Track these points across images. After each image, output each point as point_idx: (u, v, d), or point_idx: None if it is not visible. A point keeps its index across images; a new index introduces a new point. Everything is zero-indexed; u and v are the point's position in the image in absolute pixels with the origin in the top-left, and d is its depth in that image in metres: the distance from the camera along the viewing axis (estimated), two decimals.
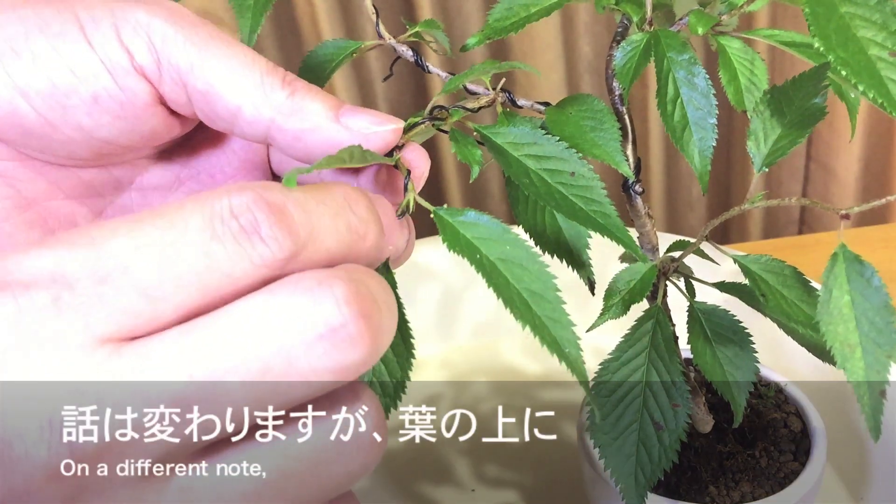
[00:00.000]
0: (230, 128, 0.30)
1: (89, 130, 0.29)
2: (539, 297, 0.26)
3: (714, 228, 0.34)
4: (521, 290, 0.27)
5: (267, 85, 0.29)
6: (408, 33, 0.36)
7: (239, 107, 0.29)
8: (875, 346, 0.26)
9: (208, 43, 0.28)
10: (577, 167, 0.30)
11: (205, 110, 0.29)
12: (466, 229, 0.28)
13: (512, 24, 0.34)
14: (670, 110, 0.31)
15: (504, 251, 0.27)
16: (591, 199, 0.30)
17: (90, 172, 0.32)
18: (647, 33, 0.32)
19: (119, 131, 0.29)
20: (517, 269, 0.27)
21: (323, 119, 0.29)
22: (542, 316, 0.26)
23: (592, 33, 0.94)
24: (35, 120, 0.28)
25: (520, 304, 0.26)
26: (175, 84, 0.29)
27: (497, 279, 0.27)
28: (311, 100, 0.29)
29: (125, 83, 0.28)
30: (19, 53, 0.27)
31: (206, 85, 0.28)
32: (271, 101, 0.29)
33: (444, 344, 0.65)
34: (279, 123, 0.29)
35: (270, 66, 0.29)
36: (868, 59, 0.23)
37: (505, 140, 0.31)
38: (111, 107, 0.29)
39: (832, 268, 0.27)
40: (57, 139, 0.29)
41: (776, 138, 0.32)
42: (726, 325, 0.37)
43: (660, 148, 0.99)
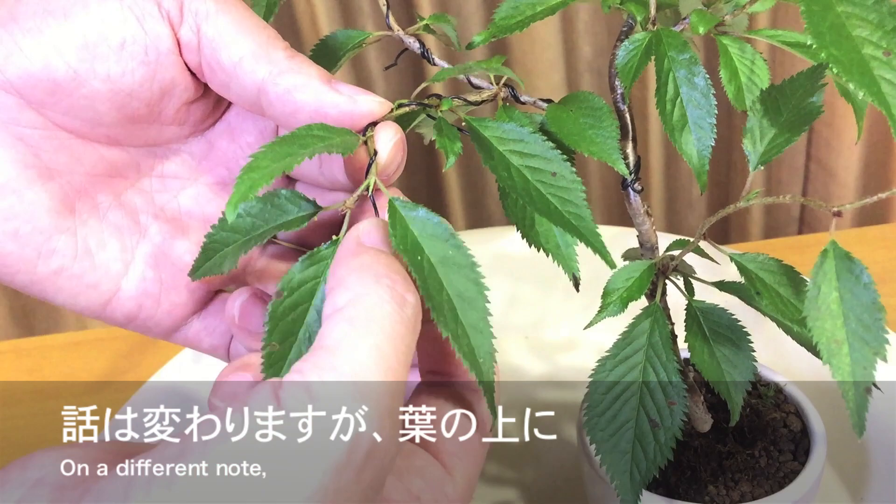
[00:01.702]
0: (227, 81, 0.31)
1: (115, 80, 0.31)
2: (468, 304, 0.27)
3: (715, 228, 0.34)
4: (452, 295, 0.27)
5: (271, 46, 0.31)
6: (417, 25, 0.37)
7: (241, 57, 0.31)
8: (862, 343, 0.26)
9: (229, 2, 0.31)
10: (560, 168, 0.30)
11: (209, 59, 0.31)
12: (416, 225, 0.29)
13: (517, 22, 0.34)
14: (669, 109, 0.31)
15: (447, 254, 0.28)
16: (567, 199, 0.30)
17: (112, 151, 0.34)
18: (650, 32, 0.32)
19: (142, 79, 0.31)
20: (454, 273, 0.28)
21: (315, 80, 0.31)
22: (466, 324, 0.27)
23: (592, 33, 0.94)
24: (65, 74, 0.30)
25: (448, 311, 0.27)
26: (190, 29, 0.31)
27: (431, 284, 0.27)
28: (308, 65, 0.31)
29: (150, 27, 0.31)
30: (51, 12, 0.30)
31: (216, 33, 0.31)
32: (271, 57, 0.31)
33: None
34: (273, 77, 0.31)
35: (278, 37, 0.32)
36: (861, 57, 0.23)
37: (492, 134, 0.32)
38: (135, 51, 0.31)
39: (822, 264, 0.27)
40: (84, 94, 0.31)
41: (772, 136, 0.32)
42: (724, 325, 0.37)
43: (660, 148, 0.99)
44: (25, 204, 0.31)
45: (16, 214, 0.31)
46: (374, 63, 0.91)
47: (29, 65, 0.30)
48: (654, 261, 0.37)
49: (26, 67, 0.30)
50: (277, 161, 0.27)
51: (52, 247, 0.32)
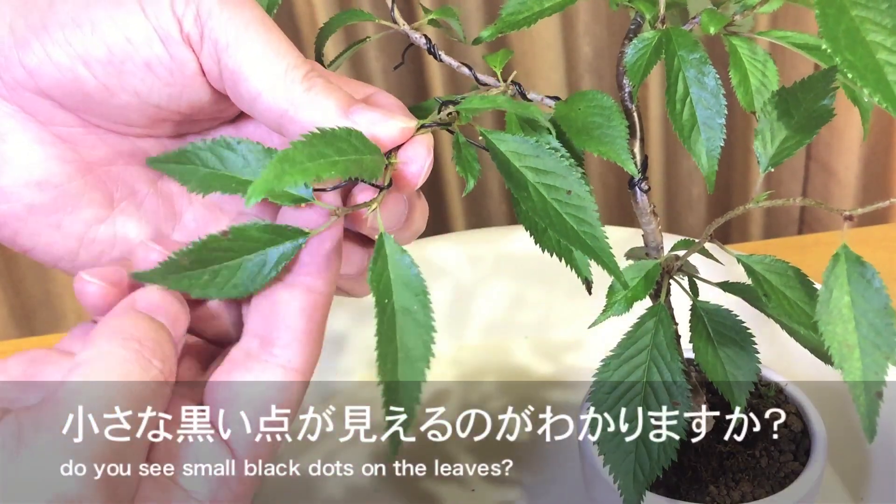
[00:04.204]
0: (250, 110, 0.32)
1: (143, 96, 0.31)
2: (410, 363, 0.27)
3: (716, 229, 0.34)
4: (399, 347, 0.27)
5: (289, 78, 0.31)
6: (423, 19, 0.37)
7: (259, 92, 0.30)
8: (874, 347, 0.27)
9: (248, 26, 0.30)
10: (574, 186, 0.30)
11: (231, 89, 0.31)
12: (395, 268, 0.29)
13: (524, 18, 0.34)
14: (679, 109, 0.31)
15: (411, 307, 0.28)
16: (582, 219, 0.30)
17: (148, 142, 0.34)
18: (659, 31, 0.32)
19: (169, 97, 0.32)
20: (410, 327, 0.28)
21: (332, 114, 0.31)
22: (401, 377, 0.27)
23: (592, 33, 0.94)
24: (95, 86, 0.31)
25: (390, 363, 0.27)
26: (211, 59, 0.31)
27: (386, 331, 0.27)
28: (325, 97, 0.31)
29: (174, 51, 0.31)
30: (80, 24, 0.30)
31: (235, 65, 0.30)
32: (289, 94, 0.30)
33: (455, 342, 0.65)
34: (291, 115, 0.31)
35: (300, 59, 0.31)
36: (876, 62, 0.23)
37: (508, 148, 0.31)
38: (161, 73, 0.31)
39: (833, 268, 0.27)
40: (115, 104, 0.31)
41: (783, 139, 0.32)
42: (729, 325, 0.37)
43: (659, 148, 0.99)
44: (67, 197, 0.32)
45: (59, 208, 0.32)
46: (373, 63, 0.91)
47: (60, 76, 0.30)
48: (660, 260, 0.37)
49: (56, 77, 0.30)
50: (312, 161, 0.27)
51: (93, 236, 0.33)
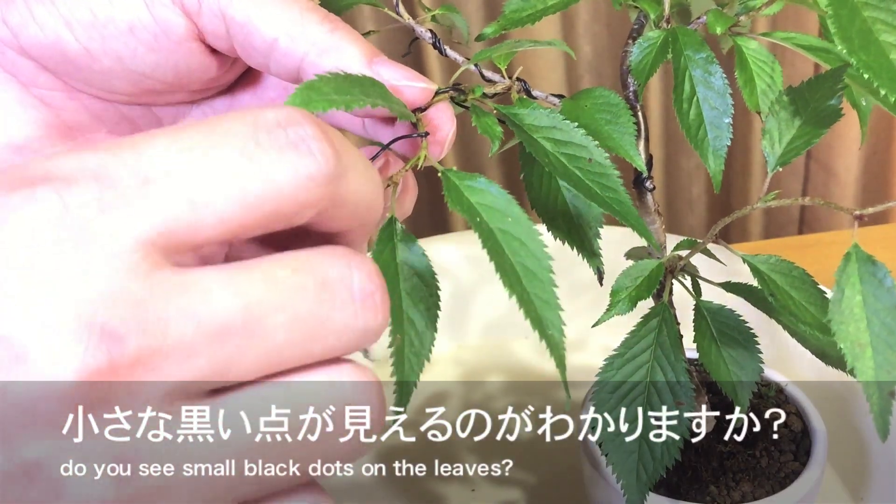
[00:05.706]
0: (266, 62, 0.30)
1: (127, 62, 0.30)
2: (532, 275, 0.26)
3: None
4: (515, 263, 0.26)
5: (306, 20, 0.29)
6: (424, 16, 0.37)
7: (276, 38, 0.29)
8: (886, 346, 0.27)
9: None
10: (595, 154, 0.30)
11: (242, 43, 0.30)
12: (472, 194, 0.27)
13: (528, 15, 0.34)
14: (686, 108, 0.31)
15: (506, 223, 0.27)
16: (607, 185, 0.30)
17: (134, 109, 0.33)
18: (665, 31, 0.32)
19: (154, 64, 0.30)
20: (515, 243, 0.26)
21: (356, 63, 0.29)
22: (532, 293, 0.26)
23: (592, 33, 0.94)
24: (77, 49, 0.30)
25: (511, 274, 0.26)
26: (214, 16, 0.29)
27: (494, 245, 0.26)
28: (349, 42, 0.29)
29: (159, 14, 0.29)
30: None
31: (244, 16, 0.29)
32: (308, 35, 0.29)
33: (455, 342, 0.65)
34: (312, 59, 0.29)
35: (311, 4, 0.30)
36: (890, 62, 0.23)
37: (524, 122, 0.31)
38: (145, 38, 0.30)
39: (845, 267, 0.27)
40: (97, 70, 0.30)
41: (791, 139, 0.32)
42: (732, 325, 0.37)
43: (659, 148, 0.99)
44: None
45: None
46: None
47: (42, 36, 0.29)
48: (663, 260, 0.37)
49: (39, 38, 0.29)
50: (338, 94, 0.26)
51: None
